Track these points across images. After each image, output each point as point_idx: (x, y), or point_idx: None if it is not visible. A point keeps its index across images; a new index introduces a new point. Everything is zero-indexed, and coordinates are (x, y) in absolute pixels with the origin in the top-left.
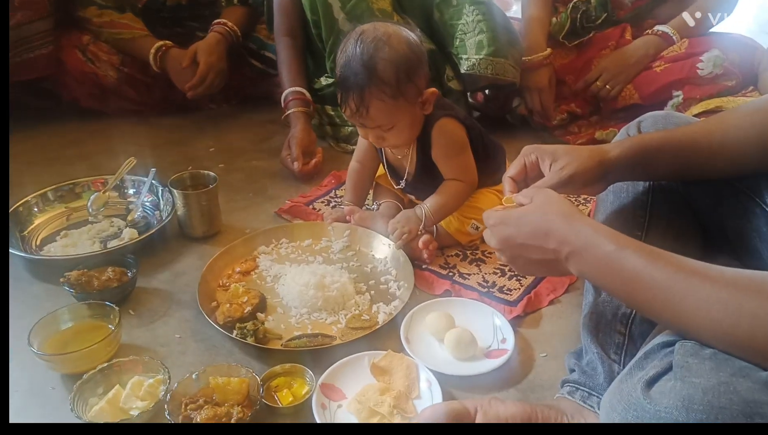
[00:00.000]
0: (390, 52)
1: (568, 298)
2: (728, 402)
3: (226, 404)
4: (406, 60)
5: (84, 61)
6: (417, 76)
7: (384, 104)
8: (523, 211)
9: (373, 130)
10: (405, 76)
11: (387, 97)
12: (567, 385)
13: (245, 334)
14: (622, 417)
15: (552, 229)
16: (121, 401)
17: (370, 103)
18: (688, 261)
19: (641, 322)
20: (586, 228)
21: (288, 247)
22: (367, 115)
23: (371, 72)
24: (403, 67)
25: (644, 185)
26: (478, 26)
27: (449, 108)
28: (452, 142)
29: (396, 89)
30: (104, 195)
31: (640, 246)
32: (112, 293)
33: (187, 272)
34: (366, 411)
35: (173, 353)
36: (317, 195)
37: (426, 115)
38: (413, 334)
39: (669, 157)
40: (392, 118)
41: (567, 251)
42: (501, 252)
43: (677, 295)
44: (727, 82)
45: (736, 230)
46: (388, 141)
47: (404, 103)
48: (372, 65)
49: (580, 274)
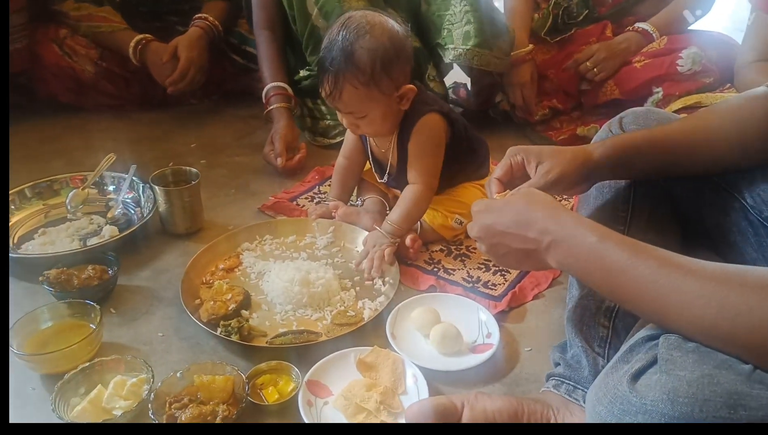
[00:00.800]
0: (369, 41)
1: (552, 293)
2: (712, 394)
3: (212, 403)
4: (384, 51)
5: (61, 56)
6: (394, 69)
7: (356, 91)
8: (507, 201)
9: (347, 116)
10: (381, 67)
11: (359, 85)
12: (552, 379)
13: (230, 332)
14: (608, 410)
15: (534, 218)
16: (104, 401)
17: (343, 87)
18: (672, 255)
19: (625, 315)
20: (569, 219)
21: (272, 244)
22: (339, 99)
23: (348, 57)
24: (380, 58)
25: (626, 181)
26: (466, 17)
27: (434, 103)
28: (430, 139)
29: (369, 78)
30: (83, 192)
31: (622, 239)
32: (92, 292)
33: (169, 269)
34: (352, 407)
35: (156, 352)
36: (301, 191)
37: (411, 110)
38: (399, 330)
39: (650, 156)
40: (364, 106)
41: (548, 241)
42: (481, 240)
43: (660, 291)
44: (706, 79)
45: (716, 225)
46: (361, 129)
47: (377, 93)
48: (350, 51)
49: (560, 265)
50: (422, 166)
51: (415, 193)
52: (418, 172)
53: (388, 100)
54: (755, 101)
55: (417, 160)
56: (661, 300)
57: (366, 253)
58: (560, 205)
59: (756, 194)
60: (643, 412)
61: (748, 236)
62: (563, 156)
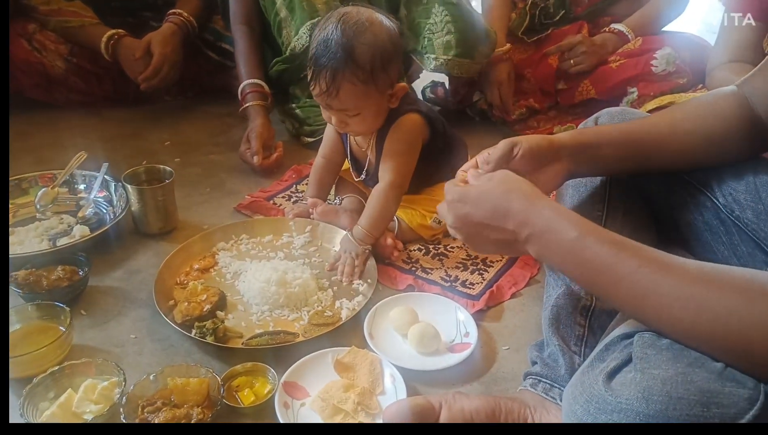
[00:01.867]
0: (370, 38)
1: (529, 292)
2: (685, 392)
3: (186, 406)
4: (384, 49)
5: (30, 51)
6: (391, 67)
7: (355, 88)
8: (483, 190)
9: (338, 113)
10: (380, 64)
11: (359, 82)
12: (529, 378)
13: (204, 333)
14: (584, 409)
15: (512, 209)
16: (74, 405)
17: (341, 84)
18: (653, 253)
19: (600, 314)
20: (548, 210)
21: (248, 243)
22: (336, 96)
23: (349, 54)
24: (379, 56)
25: (602, 179)
26: (447, 27)
27: (414, 102)
28: (406, 138)
29: (369, 75)
30: (53, 190)
31: (603, 234)
32: (62, 293)
33: (142, 270)
34: (330, 408)
35: (129, 354)
36: (278, 190)
37: (392, 109)
38: (377, 330)
39: (617, 147)
40: (360, 103)
41: (527, 234)
42: (457, 230)
43: (640, 290)
44: (679, 80)
45: (689, 223)
46: (350, 127)
47: (374, 91)
48: (350, 48)
49: (540, 257)
50: (394, 163)
51: (383, 194)
52: (389, 169)
53: (381, 98)
54: (723, 99)
55: (390, 157)
56: (640, 299)
57: (338, 258)
58: (538, 192)
59: (728, 193)
60: (618, 411)
61: (719, 234)
62: (529, 135)
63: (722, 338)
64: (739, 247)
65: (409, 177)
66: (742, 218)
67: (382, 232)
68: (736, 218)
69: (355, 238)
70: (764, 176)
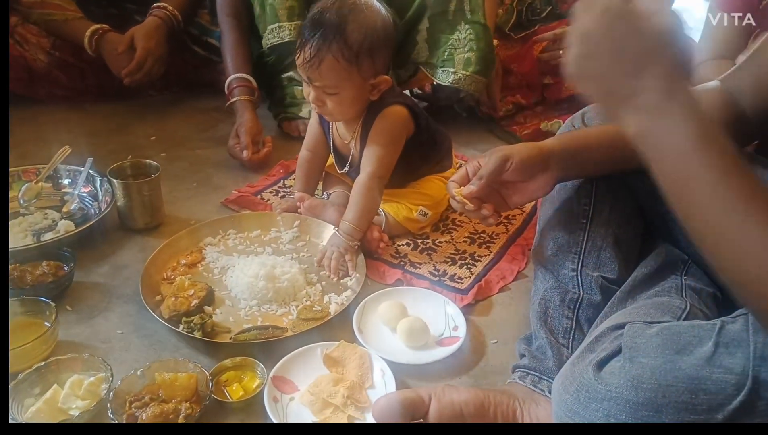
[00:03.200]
0: (364, 20)
1: (517, 286)
2: (674, 379)
3: (174, 401)
4: (375, 33)
5: (11, 44)
6: (378, 54)
7: (337, 64)
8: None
9: (317, 90)
10: (367, 47)
11: (342, 59)
12: (518, 370)
13: (192, 328)
14: (574, 398)
15: (652, 68)
16: (60, 401)
17: (325, 57)
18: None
19: (588, 306)
20: (682, 95)
21: (236, 238)
22: (317, 68)
23: (339, 28)
24: (369, 40)
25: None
26: (470, 44)
27: (400, 96)
28: (390, 129)
29: (354, 56)
30: (37, 185)
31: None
32: (47, 288)
33: (128, 265)
34: (319, 402)
35: (115, 350)
36: (265, 185)
37: (378, 100)
38: (366, 324)
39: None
40: (340, 82)
41: (650, 103)
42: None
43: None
44: None
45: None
46: (326, 107)
47: (356, 74)
48: (343, 23)
49: (638, 136)
50: (377, 154)
51: (366, 186)
52: (371, 159)
53: (362, 84)
54: (706, 95)
55: (373, 147)
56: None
57: (324, 254)
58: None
59: None
60: (608, 399)
61: None
62: (518, 146)
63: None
64: None
65: (390, 169)
66: None
67: (368, 224)
68: None
69: (344, 234)
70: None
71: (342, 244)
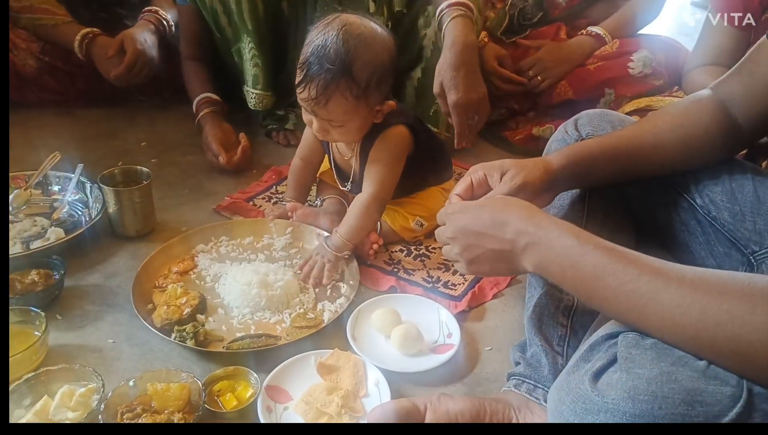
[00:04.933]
0: (370, 54)
1: (511, 292)
2: (670, 391)
3: (166, 411)
4: (382, 66)
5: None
6: (385, 84)
7: (346, 102)
8: (483, 203)
9: (322, 121)
10: (375, 81)
11: (351, 97)
12: (513, 378)
13: (185, 337)
14: (570, 409)
15: (511, 219)
16: (51, 413)
17: (332, 95)
18: (652, 261)
19: (582, 314)
20: (546, 221)
21: (228, 245)
22: (324, 106)
23: (347, 67)
24: (377, 73)
25: None
26: None
27: (401, 114)
28: (392, 150)
29: (363, 92)
30: (26, 192)
31: (602, 242)
32: (37, 297)
33: (119, 273)
34: (313, 412)
35: (106, 359)
36: (257, 191)
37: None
38: (360, 332)
39: (604, 164)
40: (347, 116)
41: (525, 242)
42: (455, 241)
43: (640, 299)
44: (655, 82)
45: (667, 224)
46: (331, 135)
47: (364, 106)
48: (349, 61)
49: (536, 268)
50: (378, 175)
51: (366, 206)
52: (373, 181)
53: (369, 113)
54: (699, 104)
55: (374, 168)
56: (641, 308)
57: (308, 259)
58: (537, 209)
59: (704, 194)
60: (605, 411)
61: (697, 235)
62: (525, 164)
63: (725, 344)
64: (715, 247)
65: (392, 189)
66: (718, 219)
67: (360, 240)
68: (713, 219)
69: (332, 246)
70: (740, 178)
71: (328, 255)
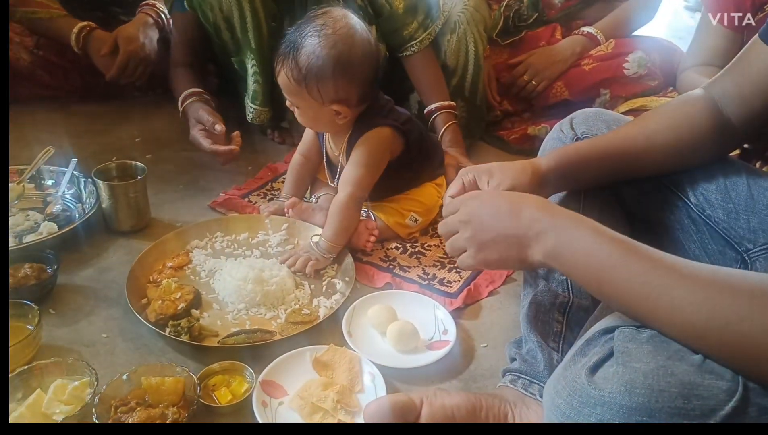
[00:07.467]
0: (321, 48)
1: (506, 289)
2: (667, 385)
3: (161, 405)
4: (327, 66)
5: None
6: (327, 84)
7: (288, 82)
8: (497, 193)
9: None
10: (315, 75)
11: (292, 78)
12: (508, 374)
13: (179, 332)
14: (567, 403)
15: (526, 206)
16: (44, 406)
17: (280, 70)
18: (665, 256)
19: (578, 310)
20: (561, 211)
21: (223, 241)
22: (278, 77)
23: (295, 48)
24: (318, 68)
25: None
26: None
27: (389, 114)
28: (372, 152)
29: (302, 79)
30: (19, 186)
31: (616, 236)
32: (30, 291)
33: (113, 268)
34: (309, 407)
35: (100, 354)
36: (253, 187)
37: (365, 119)
38: (355, 328)
39: (597, 164)
40: (293, 98)
41: (539, 228)
42: (467, 225)
43: (651, 293)
44: (650, 82)
45: (660, 223)
46: (296, 114)
47: (306, 94)
48: (299, 44)
49: (548, 255)
50: (355, 175)
51: (344, 206)
52: (350, 180)
53: (317, 105)
54: (691, 104)
55: (353, 168)
56: (651, 302)
57: (294, 253)
58: (551, 202)
59: (698, 193)
60: (601, 404)
61: (690, 233)
62: (513, 168)
63: (733, 345)
64: (709, 245)
65: (369, 189)
66: (712, 217)
67: (346, 241)
68: (707, 217)
69: (321, 250)
70: (733, 176)
71: (316, 255)
